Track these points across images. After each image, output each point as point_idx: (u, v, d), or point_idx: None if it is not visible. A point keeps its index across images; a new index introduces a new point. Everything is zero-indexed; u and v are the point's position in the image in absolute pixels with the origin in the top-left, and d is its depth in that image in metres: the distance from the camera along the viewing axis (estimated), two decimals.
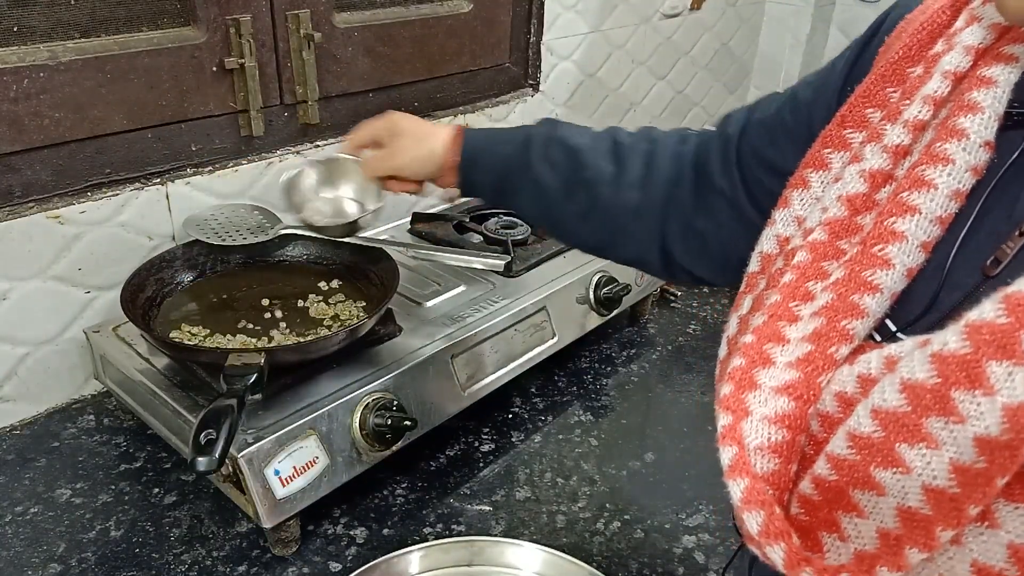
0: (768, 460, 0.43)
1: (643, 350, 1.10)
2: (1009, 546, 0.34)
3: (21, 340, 0.89)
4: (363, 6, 1.09)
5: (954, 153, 0.43)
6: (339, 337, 0.77)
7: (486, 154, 0.74)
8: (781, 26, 1.86)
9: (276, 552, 0.75)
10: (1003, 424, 0.32)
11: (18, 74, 0.81)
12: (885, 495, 0.37)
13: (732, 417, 0.44)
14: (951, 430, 0.34)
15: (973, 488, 0.34)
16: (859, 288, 0.44)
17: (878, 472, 0.37)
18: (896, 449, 0.37)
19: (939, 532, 0.35)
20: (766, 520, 0.41)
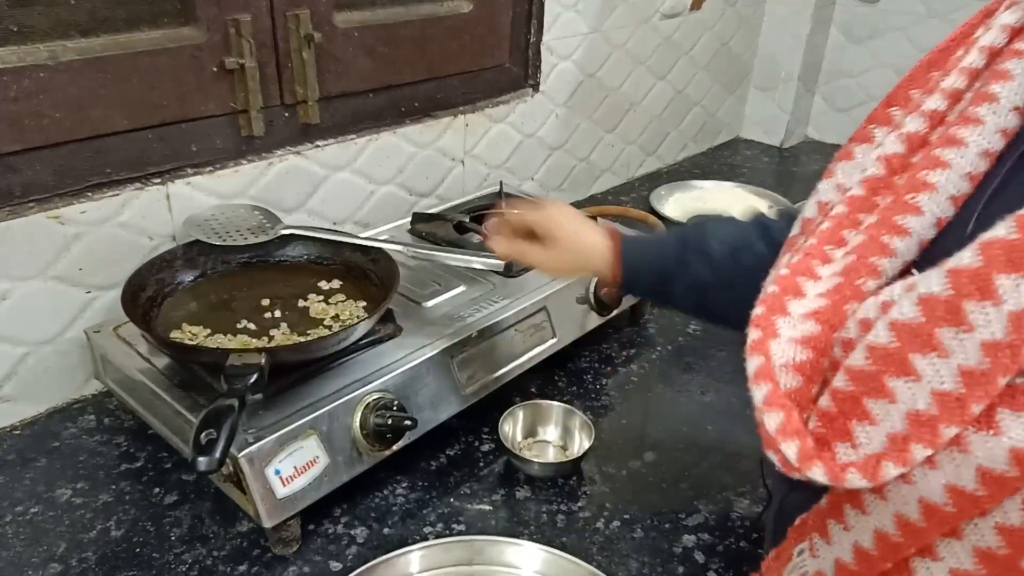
0: (792, 377, 0.45)
1: (643, 350, 1.10)
2: (1011, 451, 0.37)
3: (21, 340, 0.89)
4: (363, 6, 1.09)
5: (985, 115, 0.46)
6: (339, 337, 0.78)
7: (641, 262, 0.76)
8: (781, 26, 1.87)
9: (277, 552, 0.75)
10: (1008, 329, 0.36)
11: (18, 74, 0.81)
12: (896, 402, 0.40)
13: (761, 333, 0.47)
14: (960, 338, 0.38)
15: (977, 388, 0.37)
16: (890, 230, 0.47)
17: (891, 380, 0.40)
18: (909, 358, 0.40)
19: (943, 429, 0.38)
20: (784, 420, 0.43)
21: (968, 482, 0.38)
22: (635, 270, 0.76)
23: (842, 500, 0.46)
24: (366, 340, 0.84)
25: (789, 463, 0.43)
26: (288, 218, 1.09)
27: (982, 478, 0.38)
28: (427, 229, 1.11)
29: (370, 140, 1.15)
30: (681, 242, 0.75)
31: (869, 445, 0.42)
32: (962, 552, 0.39)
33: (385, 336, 0.86)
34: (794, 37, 1.85)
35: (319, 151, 1.09)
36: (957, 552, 0.39)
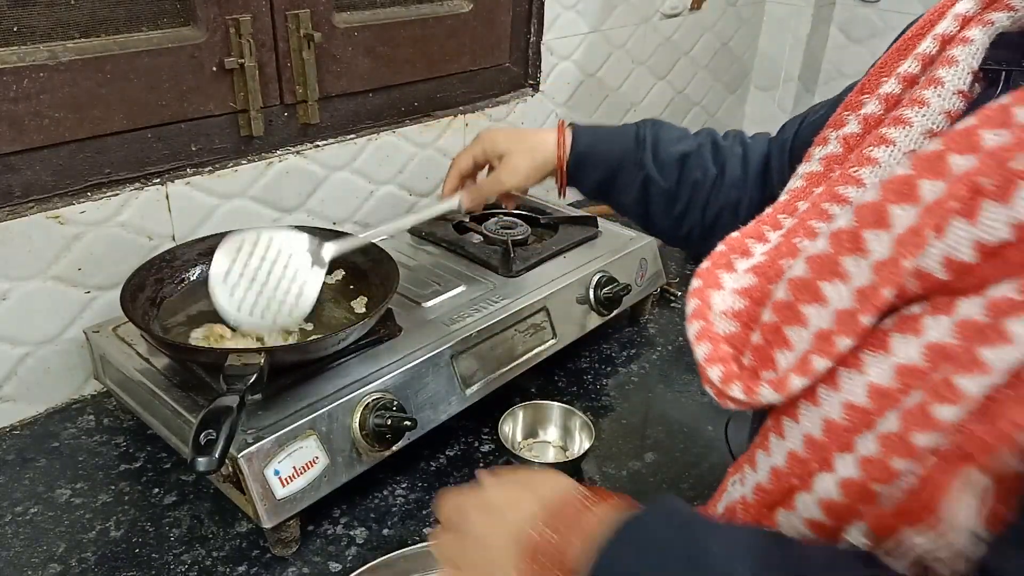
0: (729, 323, 0.51)
1: (643, 350, 1.10)
2: (896, 368, 0.41)
3: (21, 340, 0.89)
4: (363, 6, 1.09)
5: (930, 98, 0.50)
6: (339, 337, 0.77)
7: (595, 152, 0.79)
8: (781, 26, 1.86)
9: (276, 552, 0.75)
10: (892, 248, 0.41)
11: (18, 74, 0.81)
12: (808, 327, 0.45)
13: (702, 282, 0.53)
14: (859, 263, 0.43)
15: (866, 302, 0.42)
16: (831, 199, 0.51)
17: (805, 308, 0.46)
18: (819, 285, 0.45)
19: (838, 340, 0.43)
20: (711, 350, 0.50)
21: (860, 397, 0.42)
22: (585, 158, 0.79)
23: (768, 429, 0.49)
24: (366, 340, 0.84)
25: (717, 388, 0.49)
26: (288, 219, 1.09)
27: (871, 392, 0.42)
28: (427, 229, 1.11)
29: (370, 140, 1.15)
30: (636, 138, 0.78)
31: (787, 365, 0.47)
32: (851, 461, 0.43)
33: (385, 336, 0.85)
34: (794, 37, 1.85)
35: (319, 151, 1.09)
36: (847, 462, 0.43)
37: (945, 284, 0.40)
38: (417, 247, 1.08)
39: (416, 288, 0.97)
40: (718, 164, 0.78)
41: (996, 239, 0.37)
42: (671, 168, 0.77)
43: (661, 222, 0.80)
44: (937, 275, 0.40)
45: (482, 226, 1.11)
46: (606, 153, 0.79)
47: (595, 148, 0.80)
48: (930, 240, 0.39)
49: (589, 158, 0.80)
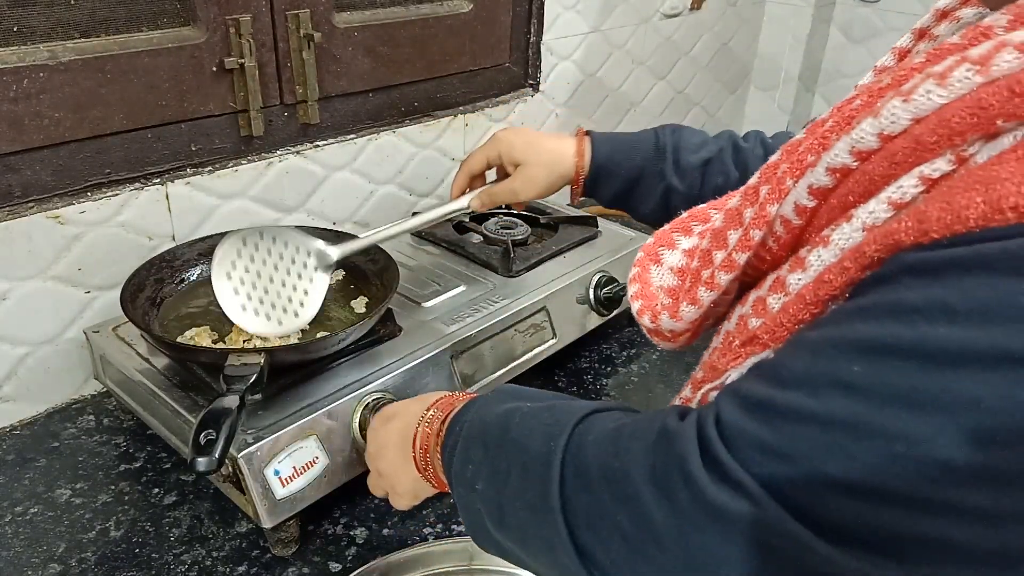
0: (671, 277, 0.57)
1: (643, 350, 1.10)
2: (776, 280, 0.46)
3: (21, 340, 0.89)
4: (363, 6, 1.09)
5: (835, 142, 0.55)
6: (339, 337, 0.77)
7: (615, 164, 0.79)
8: (781, 26, 1.86)
9: (276, 552, 0.75)
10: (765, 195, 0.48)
11: (18, 74, 0.81)
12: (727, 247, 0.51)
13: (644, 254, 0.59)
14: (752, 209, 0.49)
15: (731, 222, 0.51)
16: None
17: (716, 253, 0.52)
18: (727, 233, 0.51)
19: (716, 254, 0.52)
20: (640, 289, 0.57)
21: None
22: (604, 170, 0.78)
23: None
24: (366, 340, 0.84)
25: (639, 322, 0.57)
26: (288, 219, 1.09)
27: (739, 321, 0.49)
28: (427, 229, 1.11)
29: (370, 140, 1.15)
30: (656, 147, 0.78)
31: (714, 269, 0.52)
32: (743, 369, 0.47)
33: (385, 336, 0.85)
34: (794, 37, 1.85)
35: (319, 151, 1.09)
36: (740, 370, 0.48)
37: (800, 228, 0.46)
38: (417, 247, 1.08)
39: (416, 288, 0.96)
40: (739, 167, 0.78)
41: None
42: (693, 176, 0.77)
43: None
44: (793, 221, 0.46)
45: (482, 226, 1.11)
46: (626, 164, 0.79)
47: (614, 160, 0.79)
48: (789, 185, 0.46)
49: (608, 170, 0.79)
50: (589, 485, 0.44)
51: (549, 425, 0.49)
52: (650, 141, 0.79)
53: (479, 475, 0.52)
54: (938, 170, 0.37)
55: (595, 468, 0.44)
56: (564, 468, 0.45)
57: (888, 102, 0.39)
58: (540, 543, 0.47)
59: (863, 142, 0.41)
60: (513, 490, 0.49)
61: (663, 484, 0.40)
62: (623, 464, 0.42)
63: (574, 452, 0.46)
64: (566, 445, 0.46)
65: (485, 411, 0.56)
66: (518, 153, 0.81)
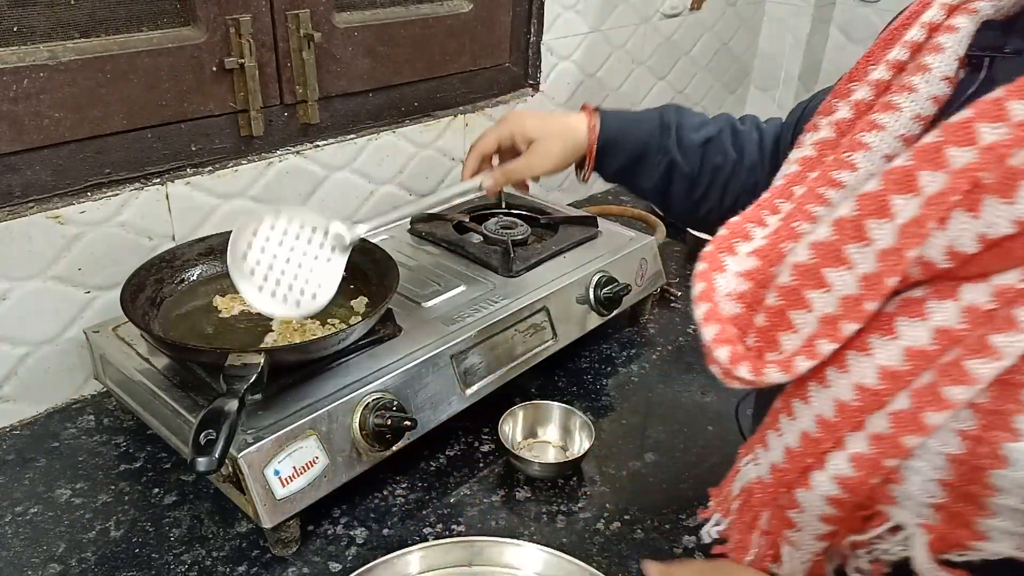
0: (733, 305, 0.53)
1: (643, 350, 1.10)
2: (906, 350, 0.44)
3: (21, 340, 0.89)
4: (363, 6, 1.09)
5: (918, 84, 0.52)
6: (339, 337, 0.77)
7: (623, 138, 0.80)
8: (781, 26, 1.86)
9: (276, 552, 0.75)
10: (896, 237, 0.43)
11: (18, 74, 0.81)
12: (812, 311, 0.48)
13: (707, 265, 0.55)
14: (863, 251, 0.45)
15: (871, 289, 0.45)
16: (826, 183, 0.53)
17: (809, 293, 0.48)
18: (823, 272, 0.47)
19: (844, 325, 0.46)
20: (719, 331, 0.52)
21: (870, 379, 0.45)
22: (613, 143, 0.80)
23: (777, 411, 0.52)
24: (366, 340, 0.84)
25: (724, 368, 0.51)
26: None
27: (881, 374, 0.45)
28: (427, 229, 1.11)
29: (370, 140, 1.15)
30: (661, 124, 0.80)
31: (790, 347, 0.49)
32: (863, 439, 0.46)
33: (385, 336, 0.85)
34: (794, 37, 1.85)
35: (319, 151, 1.09)
36: (859, 441, 0.46)
37: (947, 271, 0.43)
38: (417, 247, 1.08)
39: (416, 288, 0.96)
40: (737, 149, 0.79)
41: (999, 233, 0.40)
42: (694, 153, 0.79)
43: (679, 205, 0.82)
44: (939, 264, 0.43)
45: (482, 226, 1.11)
46: (633, 138, 0.80)
47: (623, 133, 0.80)
48: (932, 231, 0.42)
49: (617, 143, 0.80)
50: None
51: None
52: (655, 118, 0.81)
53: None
54: None
55: None
56: None
57: None
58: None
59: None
60: None
61: None
62: None
63: None
64: None
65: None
66: (531, 129, 0.81)
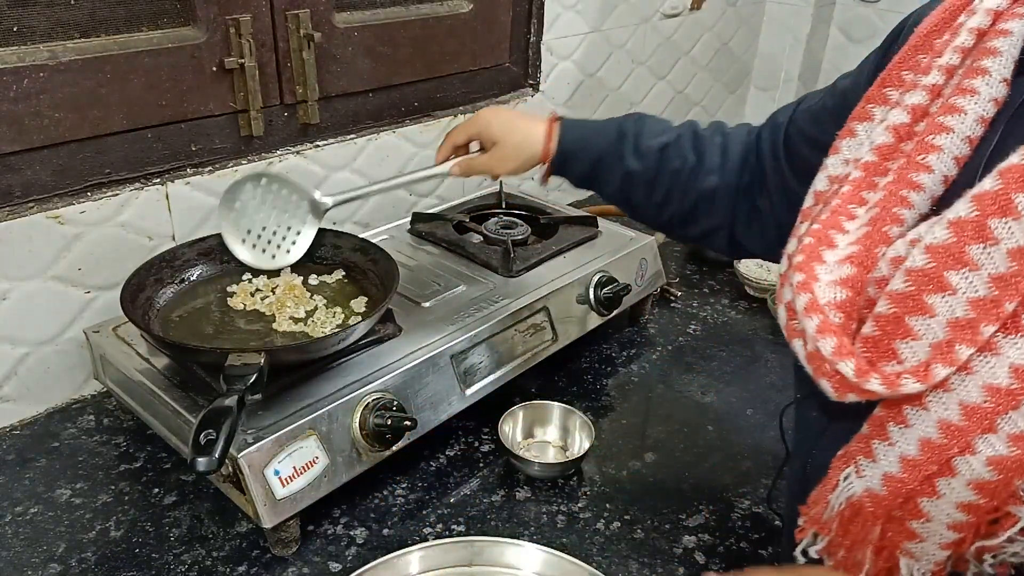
0: (834, 315, 0.51)
1: (643, 350, 1.10)
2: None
3: (21, 340, 0.89)
4: (363, 6, 1.09)
5: (979, 87, 0.53)
6: (339, 337, 0.77)
7: (580, 148, 0.83)
8: (781, 26, 1.86)
9: (276, 552, 0.75)
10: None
11: (18, 74, 0.81)
12: (936, 315, 0.47)
13: (805, 276, 0.53)
14: (988, 251, 0.45)
15: (1007, 289, 0.44)
16: (907, 186, 0.53)
17: (929, 297, 0.47)
18: (944, 275, 0.46)
19: (983, 328, 0.45)
20: (838, 343, 0.49)
21: (1002, 379, 0.44)
22: (571, 153, 0.83)
23: (885, 419, 0.50)
24: (366, 340, 0.84)
25: (846, 381, 0.48)
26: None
27: (1015, 373, 0.44)
28: (427, 229, 1.11)
29: (370, 140, 1.15)
30: (619, 133, 0.82)
31: (914, 358, 0.48)
32: (997, 441, 0.45)
33: (385, 336, 0.85)
34: (794, 37, 1.85)
35: (319, 151, 1.09)
36: (993, 443, 0.45)
37: None
38: (417, 247, 1.08)
39: (416, 288, 0.96)
40: (696, 152, 0.82)
41: None
42: (651, 158, 0.81)
43: (643, 210, 0.84)
44: None
45: (482, 226, 1.11)
46: (591, 147, 0.83)
47: (580, 143, 0.84)
48: None
49: (574, 153, 0.84)
50: None
51: None
52: (614, 127, 0.84)
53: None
54: None
55: None
56: None
57: None
58: None
59: None
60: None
61: None
62: None
63: None
64: None
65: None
66: (495, 132, 0.86)
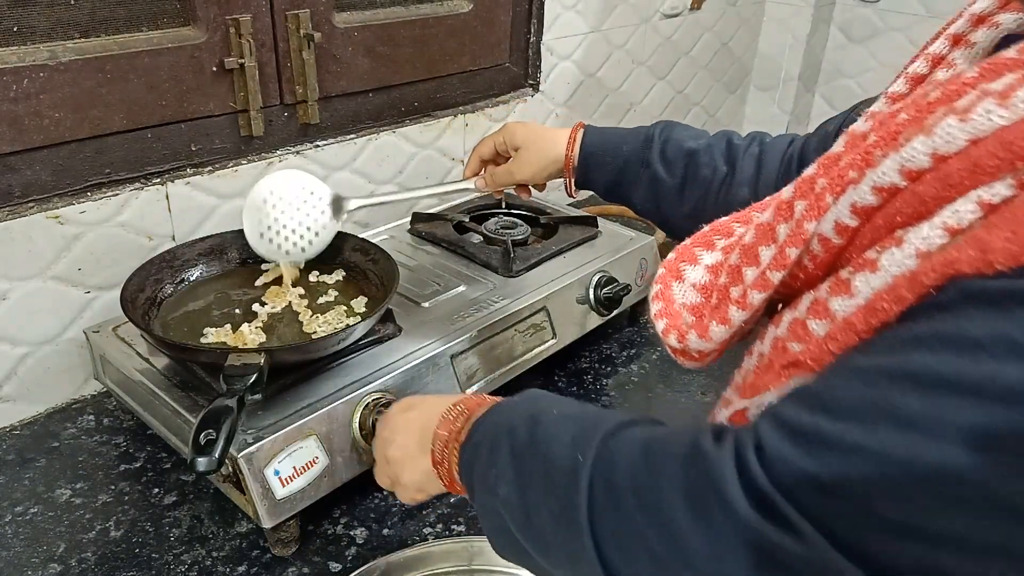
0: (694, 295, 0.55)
1: (643, 350, 1.10)
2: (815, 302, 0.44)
3: (21, 340, 0.89)
4: (363, 6, 1.09)
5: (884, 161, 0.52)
6: (339, 337, 0.77)
7: (604, 153, 0.82)
8: (781, 26, 1.86)
9: (276, 552, 0.75)
10: (801, 212, 0.45)
11: (18, 74, 0.81)
12: (760, 264, 0.48)
13: (664, 271, 0.56)
14: (788, 225, 0.46)
15: (762, 237, 0.48)
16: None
17: (745, 270, 0.49)
18: (775, 227, 0.48)
19: (788, 251, 0.46)
20: (662, 308, 0.55)
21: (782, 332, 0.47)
22: (594, 158, 0.82)
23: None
24: (366, 340, 0.84)
25: (677, 349, 0.54)
26: None
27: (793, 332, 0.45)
28: (427, 229, 1.11)
29: (370, 140, 1.15)
30: (645, 138, 0.80)
31: (746, 287, 0.50)
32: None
33: (385, 336, 0.85)
34: (794, 37, 1.85)
35: (319, 151, 1.09)
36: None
37: (839, 247, 0.44)
38: (417, 247, 1.08)
39: (416, 288, 0.96)
40: (729, 162, 0.78)
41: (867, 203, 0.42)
42: (678, 165, 0.78)
43: (674, 222, 0.82)
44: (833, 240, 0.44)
45: (482, 226, 1.11)
46: (614, 153, 0.81)
47: (602, 149, 0.82)
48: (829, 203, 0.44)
49: (596, 159, 0.82)
50: (619, 503, 0.43)
51: (577, 436, 0.48)
52: (641, 132, 0.82)
53: (502, 479, 0.51)
54: (998, 195, 0.35)
55: (625, 485, 0.43)
56: (593, 484, 0.44)
57: (942, 120, 0.37)
58: (564, 555, 0.46)
59: (914, 161, 0.38)
60: (538, 498, 0.48)
61: (698, 505, 0.39)
62: (655, 482, 0.41)
63: (603, 467, 0.44)
64: (595, 459, 0.45)
65: (512, 415, 0.55)
66: (518, 139, 0.86)
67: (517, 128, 0.87)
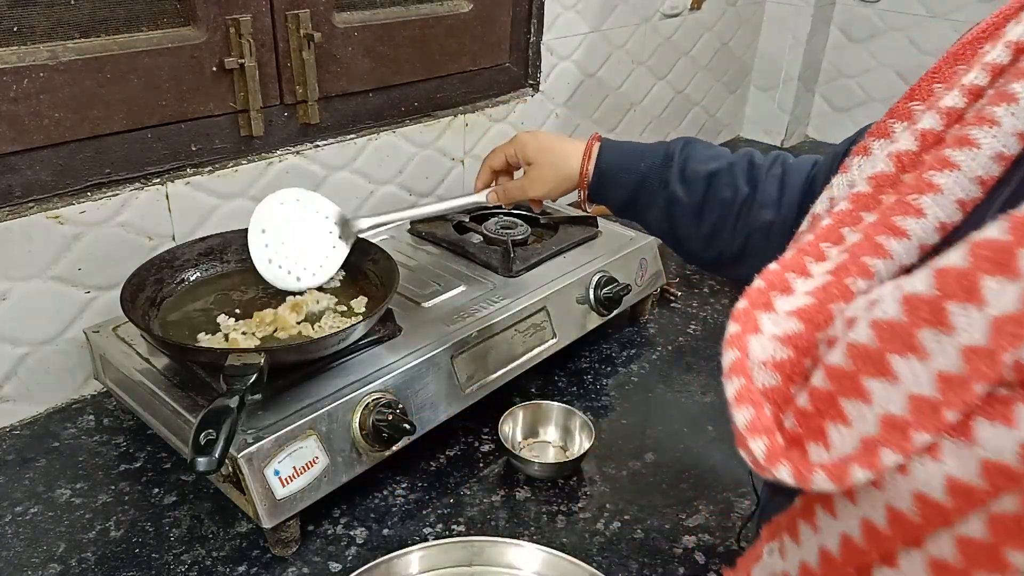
0: (769, 375, 0.43)
1: (643, 350, 1.10)
2: (983, 462, 0.35)
3: (21, 340, 0.89)
4: (363, 6, 1.09)
5: (1002, 116, 0.43)
6: (339, 337, 0.77)
7: (621, 170, 0.78)
8: (781, 26, 1.87)
9: (276, 552, 0.75)
10: (989, 334, 0.34)
11: (18, 74, 0.81)
12: (871, 404, 0.38)
13: (740, 328, 0.44)
14: (941, 341, 0.35)
15: (953, 394, 0.35)
16: (886, 230, 0.44)
17: (868, 381, 0.38)
18: (888, 359, 0.37)
19: (915, 435, 0.36)
20: (753, 416, 0.41)
21: (937, 492, 0.36)
22: (610, 175, 0.78)
23: (814, 501, 0.44)
24: (366, 340, 0.84)
25: (759, 464, 0.41)
26: None
27: (951, 489, 0.36)
28: (427, 229, 1.11)
29: (370, 140, 1.15)
30: (665, 156, 0.76)
31: (842, 447, 0.39)
32: (918, 562, 0.38)
33: (385, 336, 0.85)
34: (794, 37, 1.85)
35: (319, 151, 1.09)
36: (914, 562, 0.38)
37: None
38: (417, 247, 1.08)
39: (416, 288, 0.97)
40: (751, 183, 0.73)
41: None
42: (697, 185, 0.74)
43: (689, 243, 0.77)
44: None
45: (482, 226, 1.11)
46: (630, 171, 0.78)
47: (619, 166, 0.78)
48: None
49: (613, 176, 0.78)
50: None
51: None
52: (660, 149, 0.78)
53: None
54: None
55: None
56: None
57: None
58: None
59: None
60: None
61: None
62: None
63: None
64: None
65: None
66: (531, 153, 0.84)
67: (529, 140, 0.84)
